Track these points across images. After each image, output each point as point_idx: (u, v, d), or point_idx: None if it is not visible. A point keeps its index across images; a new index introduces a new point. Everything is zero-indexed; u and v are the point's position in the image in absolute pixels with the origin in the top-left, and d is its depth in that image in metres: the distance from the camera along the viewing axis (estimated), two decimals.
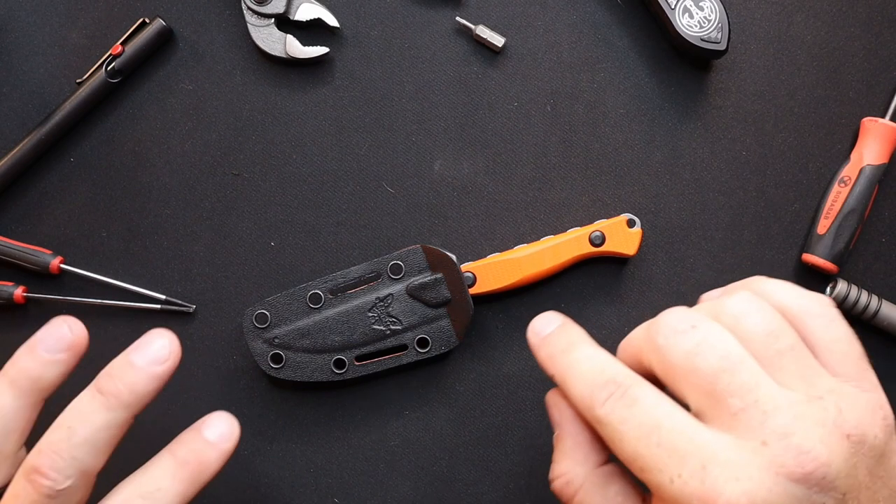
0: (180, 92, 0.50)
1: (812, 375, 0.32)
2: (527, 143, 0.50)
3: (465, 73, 0.50)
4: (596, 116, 0.50)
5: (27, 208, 0.50)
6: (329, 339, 0.46)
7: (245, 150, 0.50)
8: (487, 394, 0.49)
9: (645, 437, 0.31)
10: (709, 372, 0.31)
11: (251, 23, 0.49)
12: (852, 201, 0.47)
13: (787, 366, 0.32)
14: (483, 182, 0.50)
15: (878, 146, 0.48)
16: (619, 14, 0.50)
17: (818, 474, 0.30)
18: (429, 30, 0.50)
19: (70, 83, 0.50)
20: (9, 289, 0.48)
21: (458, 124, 0.50)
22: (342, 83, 0.50)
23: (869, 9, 0.50)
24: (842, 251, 0.47)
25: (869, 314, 0.47)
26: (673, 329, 0.32)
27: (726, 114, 0.50)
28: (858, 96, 0.50)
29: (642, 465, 0.31)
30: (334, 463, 0.48)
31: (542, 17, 0.50)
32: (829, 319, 0.34)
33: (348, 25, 0.50)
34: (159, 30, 0.49)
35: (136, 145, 0.50)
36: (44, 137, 0.49)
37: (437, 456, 0.48)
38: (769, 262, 0.49)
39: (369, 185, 0.50)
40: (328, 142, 0.50)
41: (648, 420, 0.31)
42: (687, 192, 0.50)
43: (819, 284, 0.49)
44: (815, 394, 0.31)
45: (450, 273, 0.46)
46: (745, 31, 0.50)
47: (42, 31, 0.51)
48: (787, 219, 0.49)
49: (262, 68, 0.50)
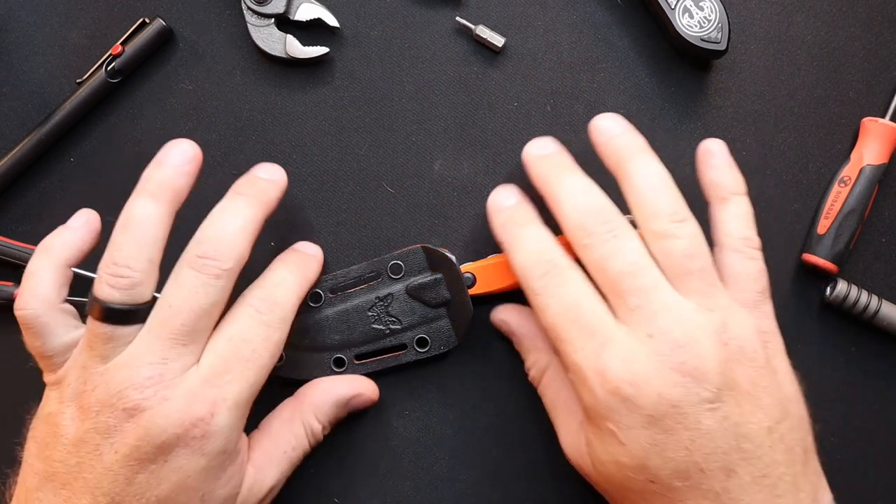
0: (180, 92, 0.50)
1: (711, 293, 0.38)
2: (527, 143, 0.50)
3: (465, 73, 0.50)
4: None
5: (27, 208, 0.50)
6: (329, 337, 0.46)
7: (245, 150, 0.50)
8: (487, 394, 0.48)
9: (564, 313, 0.38)
10: (615, 273, 0.38)
11: (251, 23, 0.49)
12: (852, 201, 0.47)
13: (692, 282, 0.38)
14: (483, 182, 0.50)
15: (878, 146, 0.48)
16: (619, 14, 0.50)
17: (690, 364, 0.36)
18: (429, 30, 0.50)
19: (70, 83, 0.50)
20: (9, 289, 0.48)
21: (458, 124, 0.50)
22: (342, 83, 0.50)
23: (869, 9, 0.50)
24: (842, 251, 0.47)
25: (869, 314, 0.47)
26: (596, 233, 0.39)
27: (726, 114, 0.50)
28: (858, 96, 0.50)
29: (557, 335, 0.38)
30: (334, 463, 0.48)
31: (542, 17, 0.50)
32: (749, 257, 0.41)
33: (348, 25, 0.50)
34: (159, 30, 0.49)
35: (136, 145, 0.50)
36: (44, 137, 0.49)
37: (437, 456, 0.48)
38: (769, 262, 0.49)
39: (369, 185, 0.50)
40: (328, 142, 0.50)
41: (571, 300, 0.38)
42: (687, 192, 0.49)
43: (819, 284, 0.49)
44: (707, 306, 0.38)
45: (449, 273, 0.46)
46: (745, 31, 0.50)
47: (42, 31, 0.51)
48: (787, 219, 0.49)
49: (262, 68, 0.50)
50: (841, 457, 0.48)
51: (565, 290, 0.39)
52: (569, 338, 0.38)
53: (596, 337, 0.37)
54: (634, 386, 0.36)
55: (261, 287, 0.42)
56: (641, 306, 0.37)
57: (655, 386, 0.36)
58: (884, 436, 0.48)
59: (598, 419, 0.37)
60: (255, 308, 0.40)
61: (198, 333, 0.38)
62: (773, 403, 0.37)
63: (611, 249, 0.38)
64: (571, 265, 0.39)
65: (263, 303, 0.40)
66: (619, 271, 0.38)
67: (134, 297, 0.38)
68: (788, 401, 0.38)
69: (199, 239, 0.39)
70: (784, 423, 0.37)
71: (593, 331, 0.37)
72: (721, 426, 0.36)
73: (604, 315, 0.38)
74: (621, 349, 0.37)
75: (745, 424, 0.36)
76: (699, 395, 0.36)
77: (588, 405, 0.38)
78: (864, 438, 0.48)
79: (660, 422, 0.36)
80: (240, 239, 0.40)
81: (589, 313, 0.38)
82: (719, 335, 0.37)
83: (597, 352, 0.37)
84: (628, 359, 0.36)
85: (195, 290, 0.38)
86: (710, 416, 0.36)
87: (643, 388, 0.36)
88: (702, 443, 0.35)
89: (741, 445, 0.36)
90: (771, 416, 0.37)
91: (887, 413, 0.48)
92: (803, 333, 0.49)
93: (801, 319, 0.49)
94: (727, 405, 0.36)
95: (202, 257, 0.38)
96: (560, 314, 0.38)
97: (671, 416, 0.36)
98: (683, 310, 0.37)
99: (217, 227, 0.40)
